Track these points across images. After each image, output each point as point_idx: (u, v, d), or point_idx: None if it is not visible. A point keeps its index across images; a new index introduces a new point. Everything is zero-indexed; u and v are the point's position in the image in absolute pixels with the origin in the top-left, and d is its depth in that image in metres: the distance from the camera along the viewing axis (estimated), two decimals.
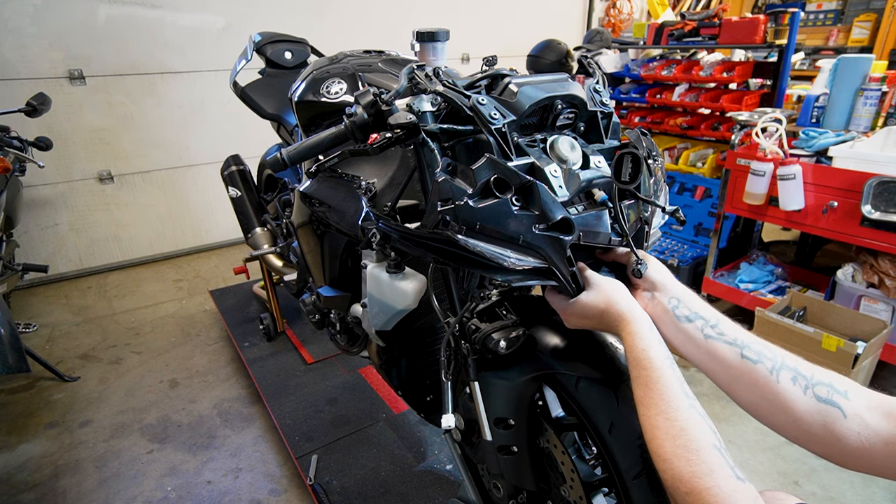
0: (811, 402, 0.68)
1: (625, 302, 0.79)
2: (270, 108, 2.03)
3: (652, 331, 0.76)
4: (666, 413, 0.68)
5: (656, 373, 0.71)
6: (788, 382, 0.69)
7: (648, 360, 0.72)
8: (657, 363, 0.72)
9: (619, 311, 0.78)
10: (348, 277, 1.45)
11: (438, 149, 0.86)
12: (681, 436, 0.65)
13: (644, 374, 0.72)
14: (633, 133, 0.93)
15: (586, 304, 0.81)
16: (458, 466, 1.22)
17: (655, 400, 0.69)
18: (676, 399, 0.69)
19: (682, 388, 0.70)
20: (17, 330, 1.87)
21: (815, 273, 2.73)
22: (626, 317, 0.77)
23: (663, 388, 0.70)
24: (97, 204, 3.32)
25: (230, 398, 2.21)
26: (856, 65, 2.28)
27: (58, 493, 1.76)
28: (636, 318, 0.77)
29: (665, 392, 0.69)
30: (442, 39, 1.22)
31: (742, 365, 0.73)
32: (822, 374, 0.70)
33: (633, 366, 0.74)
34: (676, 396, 0.69)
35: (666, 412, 0.68)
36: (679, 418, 0.67)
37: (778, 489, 0.81)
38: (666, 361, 0.72)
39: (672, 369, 0.72)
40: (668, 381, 0.70)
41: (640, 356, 0.73)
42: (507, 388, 1.00)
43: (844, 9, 4.96)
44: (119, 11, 3.08)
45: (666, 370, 0.71)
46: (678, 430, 0.66)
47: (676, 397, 0.69)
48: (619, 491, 0.88)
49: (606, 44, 1.28)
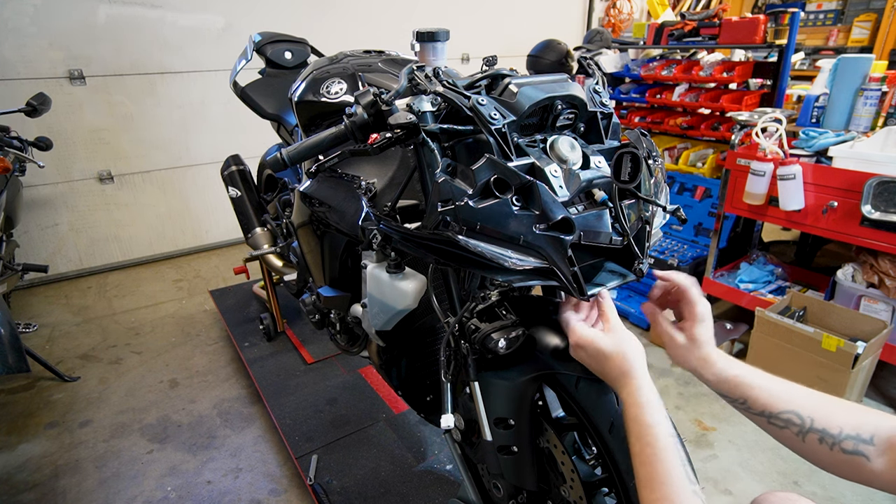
0: (838, 456, 0.69)
1: (634, 359, 0.76)
2: (270, 108, 2.03)
3: (657, 401, 0.73)
4: (668, 497, 0.65)
5: (662, 453, 0.68)
6: (815, 443, 0.70)
7: (653, 436, 0.69)
8: (661, 442, 0.68)
9: (627, 367, 0.75)
10: (348, 277, 1.46)
11: (438, 149, 0.86)
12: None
13: (647, 452, 0.69)
14: (633, 133, 0.93)
15: (594, 341, 0.79)
16: (458, 466, 1.22)
17: (657, 485, 0.66)
18: (680, 487, 0.66)
19: (685, 471, 0.67)
20: (17, 330, 1.87)
21: (815, 273, 2.73)
22: (631, 373, 0.75)
23: (667, 472, 0.67)
24: (97, 204, 3.33)
25: (230, 398, 2.21)
26: (856, 65, 2.28)
27: (58, 493, 1.76)
28: (641, 383, 0.74)
29: (668, 477, 0.66)
30: (442, 39, 1.22)
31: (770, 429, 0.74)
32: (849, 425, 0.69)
33: (634, 436, 0.71)
34: (680, 484, 0.66)
35: (668, 497, 0.65)
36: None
37: (789, 491, 0.82)
38: (670, 440, 0.69)
39: (675, 448, 0.68)
40: (671, 463, 0.67)
41: (642, 430, 0.70)
42: (507, 388, 1.00)
43: (844, 9, 4.96)
44: (119, 11, 3.08)
45: (670, 450, 0.68)
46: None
47: (680, 485, 0.66)
48: (619, 491, 0.88)
49: (606, 44, 1.28)
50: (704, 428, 1.99)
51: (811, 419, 0.71)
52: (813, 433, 0.70)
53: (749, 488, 1.74)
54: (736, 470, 1.80)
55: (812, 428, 0.71)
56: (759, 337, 2.21)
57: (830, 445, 0.69)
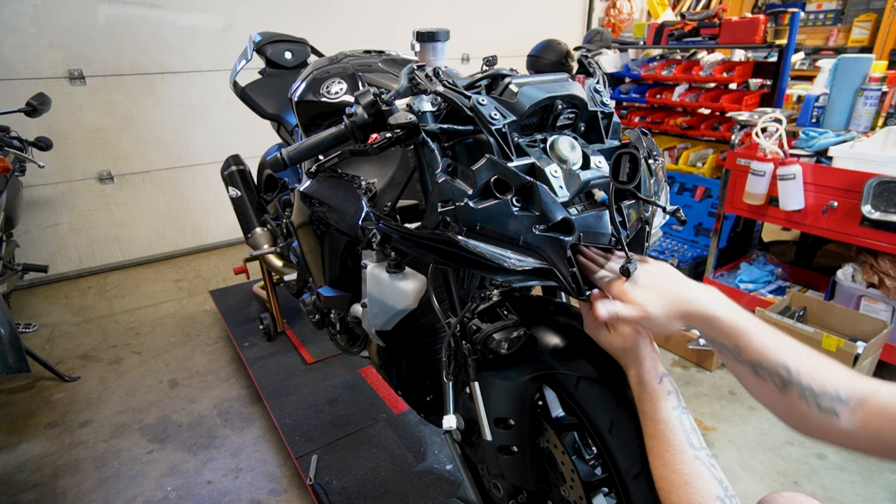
0: (814, 413, 0.70)
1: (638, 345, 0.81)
2: (270, 108, 2.03)
3: (661, 380, 0.78)
4: (672, 465, 0.72)
5: (662, 425, 0.75)
6: (795, 398, 0.71)
7: (655, 411, 0.76)
8: (663, 415, 0.75)
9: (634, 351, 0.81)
10: (348, 277, 1.45)
11: (438, 149, 0.86)
12: (685, 488, 0.70)
13: (651, 426, 0.76)
14: (634, 133, 0.93)
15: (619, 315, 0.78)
16: (458, 466, 1.22)
17: (662, 452, 0.74)
18: (682, 452, 0.73)
19: (689, 438, 0.74)
20: (17, 330, 1.87)
21: (815, 273, 2.73)
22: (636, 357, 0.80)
23: (669, 440, 0.74)
24: (97, 204, 3.32)
25: (230, 398, 2.21)
26: (856, 65, 2.28)
27: (58, 493, 1.76)
28: (645, 364, 0.80)
29: (671, 445, 0.74)
30: (442, 39, 1.22)
31: (751, 380, 0.75)
32: (829, 383, 0.70)
33: (642, 414, 0.79)
34: (682, 449, 0.73)
35: (672, 464, 0.72)
36: (685, 471, 0.71)
37: (797, 492, 0.84)
38: (673, 413, 0.76)
39: (679, 420, 0.75)
40: (674, 433, 0.74)
41: (646, 407, 0.77)
42: (508, 388, 1.00)
43: (844, 9, 4.96)
44: (119, 11, 3.08)
45: (672, 422, 0.75)
46: (683, 483, 0.70)
47: (682, 450, 0.73)
48: (619, 491, 0.88)
49: (606, 44, 1.28)
50: (705, 428, 1.99)
51: (798, 373, 0.70)
52: (795, 388, 0.70)
53: (749, 488, 1.74)
54: (736, 470, 1.80)
55: (797, 383, 0.70)
56: None
57: (809, 402, 0.69)
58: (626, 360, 0.82)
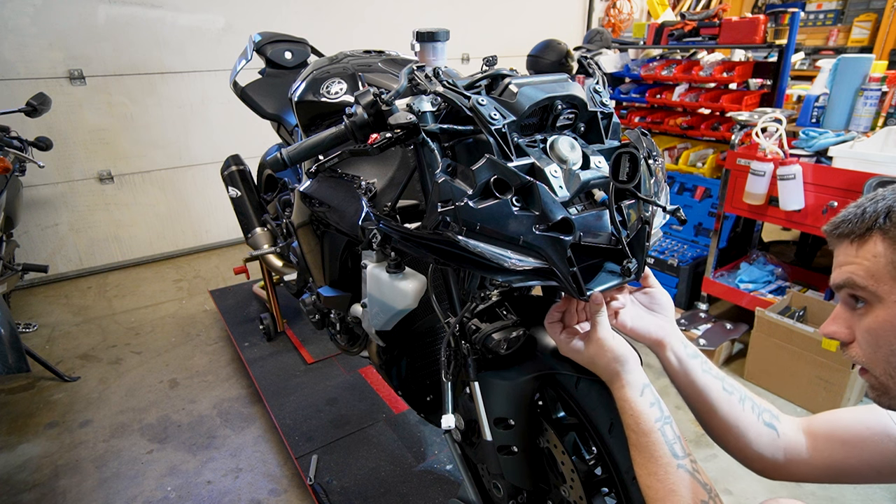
0: (761, 426, 0.86)
1: (623, 360, 0.82)
2: (270, 108, 2.03)
3: (643, 393, 0.80)
4: (657, 475, 0.75)
5: (645, 438, 0.77)
6: (749, 410, 0.87)
7: (637, 424, 0.78)
8: (645, 427, 0.77)
9: (615, 368, 0.82)
10: (348, 277, 1.45)
11: (438, 149, 0.86)
12: (670, 497, 0.73)
13: (634, 437, 0.79)
14: (634, 133, 0.93)
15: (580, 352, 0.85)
16: (458, 466, 1.22)
17: (645, 462, 0.77)
18: (667, 463, 0.75)
19: (672, 449, 0.76)
20: (17, 330, 1.87)
21: (815, 273, 2.73)
22: (619, 375, 0.82)
23: (653, 452, 0.76)
24: (97, 204, 3.32)
25: (230, 398, 2.21)
26: (856, 65, 2.28)
27: (58, 493, 1.76)
28: (629, 379, 0.81)
29: (654, 456, 0.76)
30: (442, 39, 1.22)
31: (721, 395, 0.87)
32: (765, 403, 0.91)
33: (626, 427, 0.80)
34: (666, 461, 0.75)
35: (657, 474, 0.75)
36: (669, 481, 0.74)
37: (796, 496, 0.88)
38: (656, 424, 0.78)
39: (662, 432, 0.77)
40: (657, 445, 0.76)
41: (629, 421, 0.79)
42: (508, 388, 1.00)
43: (844, 9, 4.96)
44: (119, 11, 3.08)
45: (655, 434, 0.77)
46: (668, 492, 0.73)
47: (666, 462, 0.75)
48: (619, 491, 0.88)
49: (606, 44, 1.28)
50: None
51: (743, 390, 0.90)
52: (748, 401, 0.88)
53: (749, 488, 1.74)
54: (735, 470, 1.80)
55: (747, 396, 0.89)
56: (759, 337, 2.20)
57: (758, 415, 0.87)
58: (607, 374, 0.83)
